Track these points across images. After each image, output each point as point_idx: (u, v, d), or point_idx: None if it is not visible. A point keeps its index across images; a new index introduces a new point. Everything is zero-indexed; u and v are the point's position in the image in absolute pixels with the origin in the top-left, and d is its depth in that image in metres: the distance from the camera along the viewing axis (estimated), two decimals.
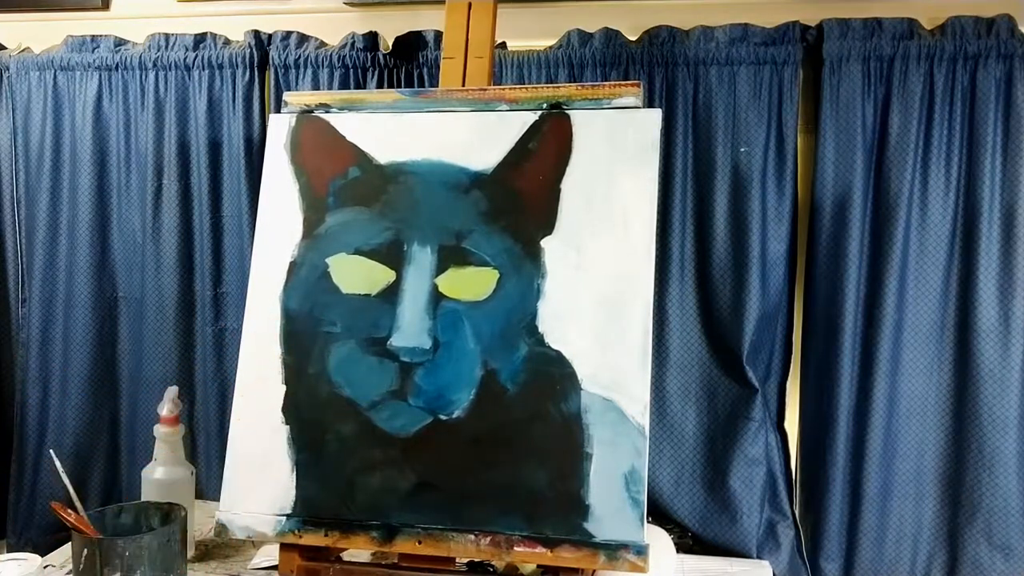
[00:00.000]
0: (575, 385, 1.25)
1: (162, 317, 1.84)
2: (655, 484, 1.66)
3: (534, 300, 1.28)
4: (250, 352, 1.36)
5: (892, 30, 1.56)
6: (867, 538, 1.62)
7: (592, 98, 1.34)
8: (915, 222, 1.58)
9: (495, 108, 1.37)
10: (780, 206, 1.63)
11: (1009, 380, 1.56)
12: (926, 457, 1.62)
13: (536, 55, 1.67)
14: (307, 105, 1.44)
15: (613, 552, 1.18)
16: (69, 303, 1.87)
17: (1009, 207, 1.56)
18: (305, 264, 1.37)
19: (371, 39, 1.73)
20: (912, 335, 1.60)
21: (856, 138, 1.58)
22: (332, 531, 1.26)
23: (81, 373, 1.88)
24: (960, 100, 1.55)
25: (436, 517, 1.25)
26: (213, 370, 1.83)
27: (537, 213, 1.31)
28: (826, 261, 1.61)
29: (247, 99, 1.78)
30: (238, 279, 1.78)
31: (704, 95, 1.63)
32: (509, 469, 1.24)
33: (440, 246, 1.32)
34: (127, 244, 1.87)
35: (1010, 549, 1.58)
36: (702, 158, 1.64)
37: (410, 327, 1.30)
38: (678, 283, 1.66)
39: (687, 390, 1.68)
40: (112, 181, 1.86)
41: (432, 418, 1.27)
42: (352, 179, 1.38)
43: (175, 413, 1.54)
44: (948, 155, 1.56)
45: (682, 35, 1.64)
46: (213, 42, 1.80)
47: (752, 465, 1.63)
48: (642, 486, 1.19)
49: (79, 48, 1.85)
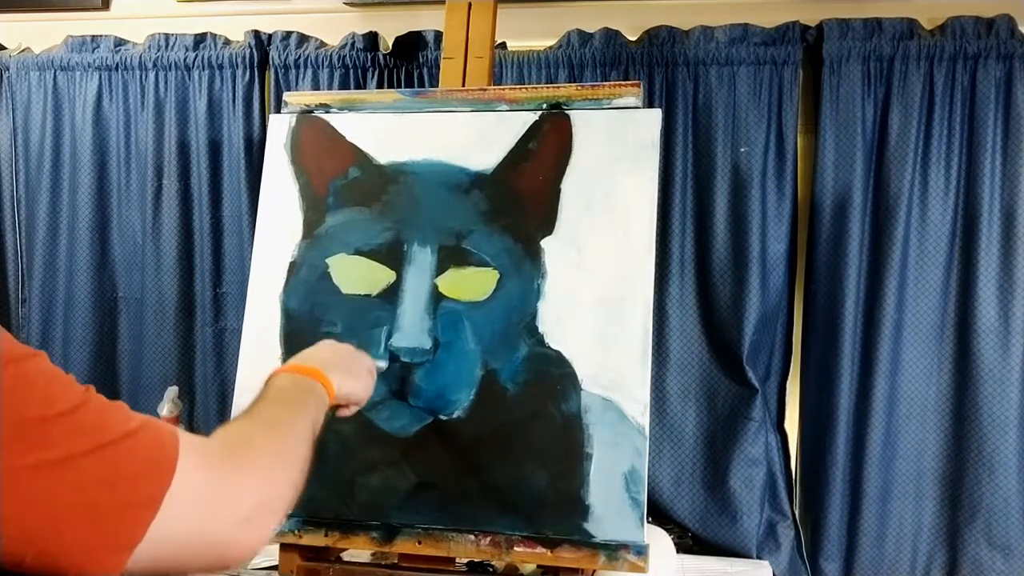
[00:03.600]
0: (575, 385, 1.24)
1: (162, 317, 1.84)
2: (655, 484, 1.66)
3: (534, 300, 1.28)
4: (250, 352, 1.36)
5: (892, 30, 1.56)
6: (867, 538, 1.62)
7: (592, 98, 1.34)
8: (915, 222, 1.58)
9: (495, 108, 1.37)
10: (780, 206, 1.63)
11: (1009, 380, 1.56)
12: (926, 457, 1.62)
13: (536, 55, 1.67)
14: (307, 105, 1.44)
15: (613, 552, 1.18)
16: (69, 303, 1.88)
17: (1009, 207, 1.56)
18: (305, 264, 1.37)
19: (371, 39, 1.73)
20: (912, 335, 1.60)
21: (856, 138, 1.58)
22: (332, 531, 1.26)
23: (81, 373, 1.88)
24: (960, 100, 1.55)
25: (436, 517, 1.25)
26: (213, 370, 1.83)
27: (537, 213, 1.31)
28: (826, 261, 1.61)
29: (247, 99, 1.78)
30: (238, 279, 1.78)
31: (704, 95, 1.63)
32: (509, 469, 1.24)
33: (440, 246, 1.32)
34: (127, 244, 1.87)
35: (1010, 549, 1.58)
36: (702, 158, 1.64)
37: (410, 327, 1.29)
38: (678, 283, 1.66)
39: (687, 390, 1.68)
40: (112, 181, 1.86)
41: (432, 418, 1.27)
42: (352, 179, 1.38)
43: (175, 413, 1.55)
44: (948, 155, 1.56)
45: (682, 35, 1.64)
46: (213, 42, 1.80)
47: (752, 465, 1.63)
48: (642, 486, 1.19)
49: (79, 48, 1.85)
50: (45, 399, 0.64)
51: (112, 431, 0.65)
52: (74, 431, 0.64)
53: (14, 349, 0.65)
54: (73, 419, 0.64)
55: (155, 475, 0.66)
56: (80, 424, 0.64)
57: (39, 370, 0.65)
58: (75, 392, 0.66)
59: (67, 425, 0.64)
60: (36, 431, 0.62)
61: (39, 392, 0.64)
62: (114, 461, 0.64)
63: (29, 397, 0.63)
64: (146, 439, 0.67)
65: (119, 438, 0.65)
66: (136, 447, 0.66)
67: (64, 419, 0.64)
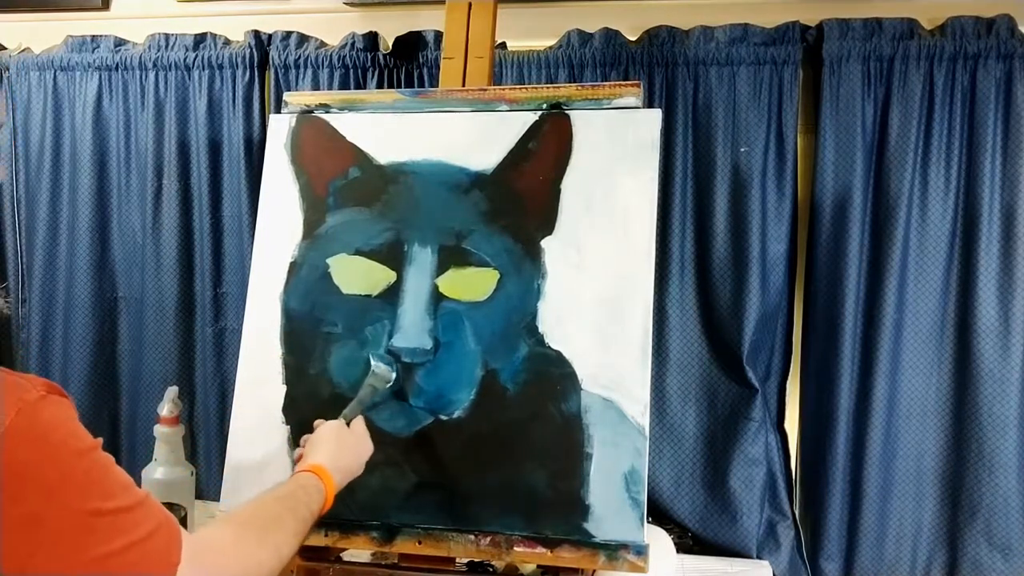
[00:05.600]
0: (575, 385, 1.25)
1: (162, 317, 1.84)
2: (655, 484, 1.66)
3: (534, 300, 1.28)
4: (250, 352, 1.36)
5: (892, 30, 1.56)
6: (867, 538, 1.62)
7: (592, 98, 1.34)
8: (915, 222, 1.58)
9: (495, 108, 1.37)
10: (780, 206, 1.63)
11: (1009, 380, 1.56)
12: (926, 457, 1.62)
13: (536, 55, 1.67)
14: (307, 105, 1.44)
15: (613, 552, 1.18)
16: (69, 303, 1.88)
17: (1009, 207, 1.56)
18: (305, 264, 1.37)
19: (371, 39, 1.73)
20: (912, 335, 1.60)
21: (856, 138, 1.58)
22: (332, 531, 1.26)
23: (81, 373, 1.88)
24: (960, 100, 1.55)
25: (436, 517, 1.25)
26: (213, 370, 1.83)
27: (537, 213, 1.31)
28: (826, 261, 1.61)
29: (247, 99, 1.77)
30: (238, 279, 1.78)
31: (704, 95, 1.63)
32: (509, 469, 1.24)
33: (440, 246, 1.32)
34: (127, 244, 1.87)
35: (1010, 549, 1.58)
36: (702, 158, 1.64)
37: (411, 327, 1.30)
38: (678, 283, 1.65)
39: (687, 390, 1.68)
40: (112, 181, 1.86)
41: (433, 418, 1.27)
42: (352, 179, 1.38)
43: (175, 413, 1.54)
44: (948, 155, 1.56)
45: (682, 35, 1.64)
46: (213, 42, 1.80)
47: (752, 465, 1.63)
48: (642, 486, 1.19)
49: (79, 48, 1.85)
50: (104, 493, 0.72)
51: (140, 529, 0.74)
52: (117, 528, 0.72)
53: (87, 439, 0.73)
54: (118, 516, 0.73)
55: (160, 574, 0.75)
56: (123, 522, 0.73)
57: (102, 462, 0.74)
58: (121, 485, 0.75)
59: (112, 522, 0.72)
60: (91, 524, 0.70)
61: (98, 486, 0.72)
62: (136, 561, 0.73)
63: (91, 490, 0.71)
64: (162, 541, 0.76)
65: (144, 538, 0.74)
66: (155, 547, 0.75)
67: (111, 516, 0.72)
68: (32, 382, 0.72)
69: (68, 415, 0.73)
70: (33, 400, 0.70)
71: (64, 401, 0.74)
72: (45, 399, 0.71)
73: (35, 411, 0.70)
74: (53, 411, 0.71)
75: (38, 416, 0.70)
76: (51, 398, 0.72)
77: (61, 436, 0.71)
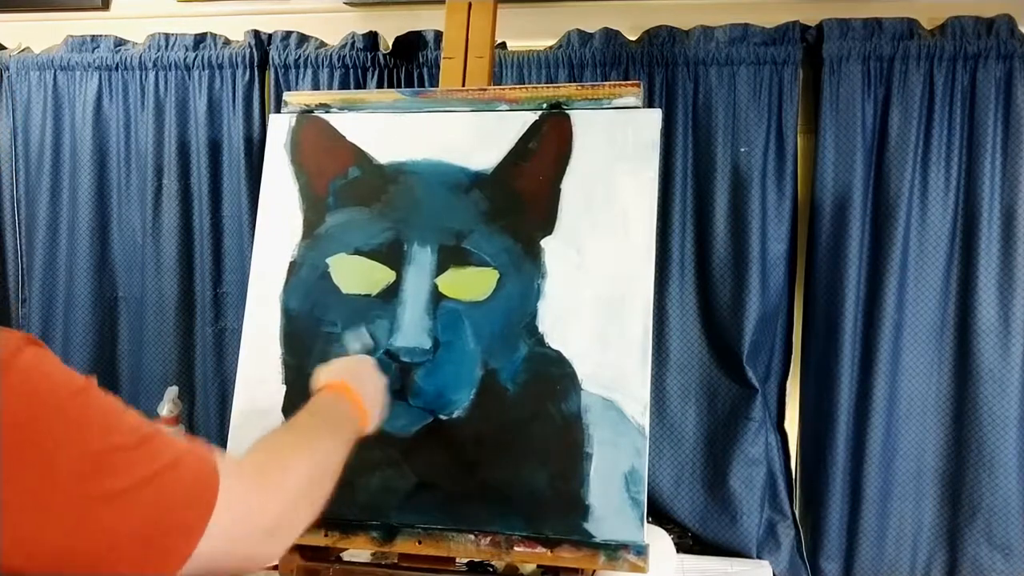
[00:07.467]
0: (575, 385, 1.25)
1: (162, 317, 1.84)
2: (655, 484, 1.66)
3: (534, 300, 1.28)
4: (250, 352, 1.36)
5: (892, 30, 1.56)
6: (867, 538, 1.62)
7: (592, 98, 1.34)
8: (915, 222, 1.58)
9: (495, 108, 1.37)
10: (780, 206, 1.63)
11: (1009, 380, 1.56)
12: (926, 457, 1.62)
13: (536, 55, 1.67)
14: (307, 105, 1.44)
15: (613, 552, 1.18)
16: (69, 303, 1.87)
17: (1009, 207, 1.56)
18: (305, 264, 1.37)
19: (371, 39, 1.73)
20: (912, 335, 1.60)
21: (856, 138, 1.58)
22: (332, 531, 1.26)
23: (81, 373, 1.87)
24: (960, 100, 1.55)
25: (436, 517, 1.25)
26: (213, 370, 1.83)
27: (537, 213, 1.31)
28: (826, 261, 1.61)
29: (247, 99, 1.78)
30: (238, 279, 1.78)
31: (704, 95, 1.63)
32: (509, 469, 1.24)
33: (440, 246, 1.32)
34: (127, 244, 1.87)
35: (1010, 549, 1.58)
36: (702, 158, 1.64)
37: (410, 327, 1.29)
38: (678, 283, 1.66)
39: (687, 390, 1.68)
40: (112, 181, 1.86)
41: (432, 418, 1.27)
42: (352, 179, 1.38)
43: (175, 413, 1.55)
44: (948, 155, 1.56)
45: (682, 35, 1.64)
46: (213, 42, 1.80)
47: (752, 465, 1.63)
48: (642, 486, 1.19)
49: (79, 48, 1.85)
50: (104, 430, 0.69)
51: (162, 458, 0.70)
52: (133, 462, 0.69)
53: (74, 381, 0.70)
54: (131, 450, 0.69)
55: (201, 499, 0.71)
56: (137, 454, 0.69)
57: (97, 401, 0.71)
58: (128, 421, 0.71)
59: (126, 456, 0.69)
60: (100, 463, 0.67)
61: (98, 424, 0.69)
62: (166, 489, 0.69)
63: (90, 429, 0.68)
64: (192, 465, 0.72)
65: (169, 465, 0.70)
66: (185, 473, 0.71)
67: (123, 452, 0.68)
68: (7, 336, 0.69)
69: (50, 362, 0.70)
70: (9, 356, 0.66)
71: (43, 350, 0.70)
72: (22, 352, 0.68)
73: (13, 365, 0.66)
74: (31, 361, 0.68)
75: (18, 369, 0.67)
76: (29, 349, 0.69)
77: (48, 384, 0.68)
